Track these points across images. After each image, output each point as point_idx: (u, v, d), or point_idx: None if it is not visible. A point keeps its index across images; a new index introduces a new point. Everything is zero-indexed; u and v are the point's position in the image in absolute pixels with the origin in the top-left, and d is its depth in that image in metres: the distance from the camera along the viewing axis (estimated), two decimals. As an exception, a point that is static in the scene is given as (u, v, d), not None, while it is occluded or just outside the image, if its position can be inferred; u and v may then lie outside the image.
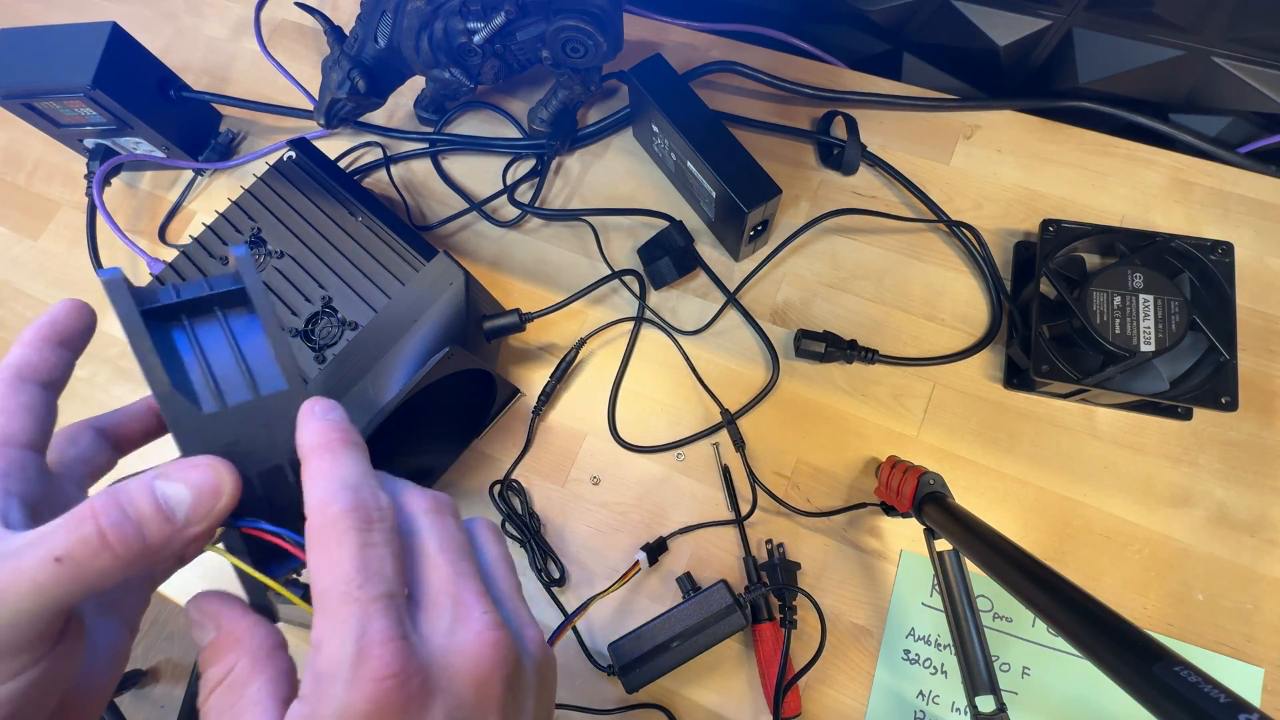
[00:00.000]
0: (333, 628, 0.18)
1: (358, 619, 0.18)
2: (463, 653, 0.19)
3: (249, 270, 0.21)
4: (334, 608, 0.18)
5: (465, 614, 0.20)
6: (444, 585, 0.20)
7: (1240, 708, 0.21)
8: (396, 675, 0.17)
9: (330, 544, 0.18)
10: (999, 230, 0.55)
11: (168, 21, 0.74)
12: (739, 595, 0.46)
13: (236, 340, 0.22)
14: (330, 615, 0.18)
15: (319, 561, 0.18)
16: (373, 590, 0.18)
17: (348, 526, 0.18)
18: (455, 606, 0.20)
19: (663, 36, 0.65)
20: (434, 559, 0.20)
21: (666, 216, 0.56)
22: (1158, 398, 0.45)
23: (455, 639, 0.19)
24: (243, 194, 0.52)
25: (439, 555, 0.20)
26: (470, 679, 0.19)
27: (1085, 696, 0.44)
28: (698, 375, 0.53)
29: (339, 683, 0.17)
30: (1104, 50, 0.54)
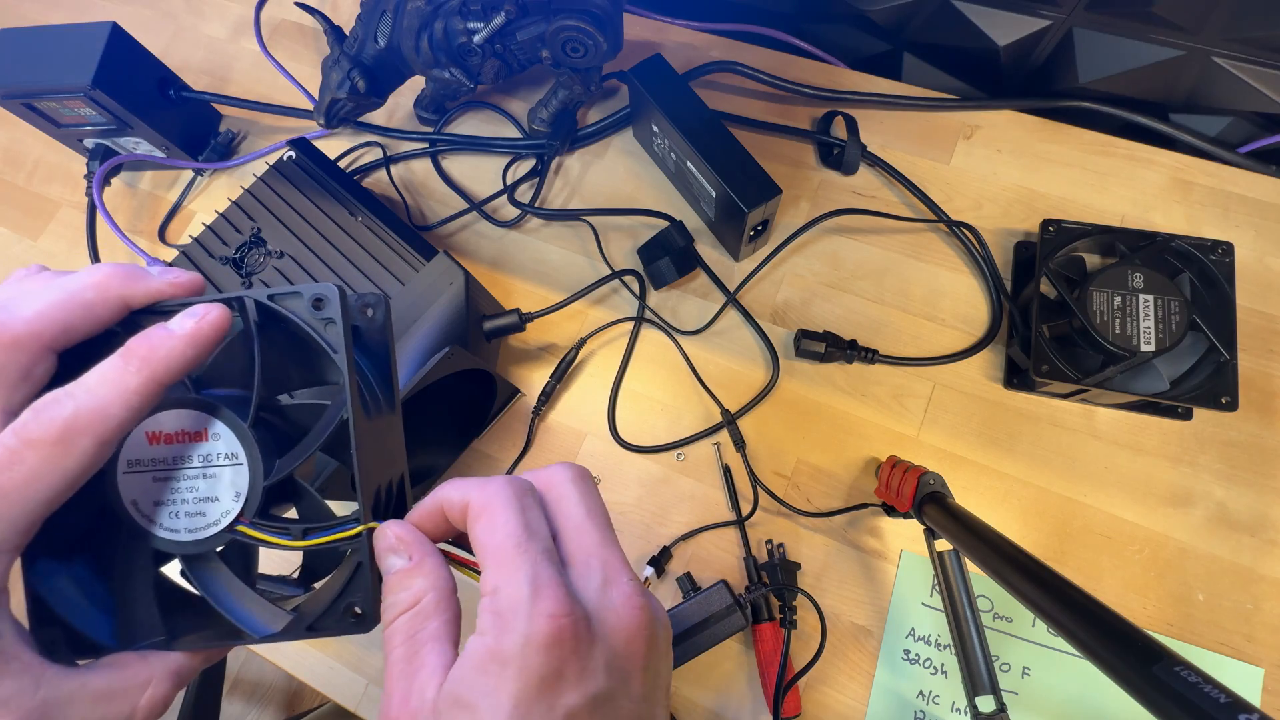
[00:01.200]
0: (507, 575, 0.20)
1: (530, 566, 0.20)
2: (615, 610, 0.21)
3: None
4: (507, 559, 0.20)
5: (615, 576, 0.22)
6: (594, 549, 0.22)
7: (1240, 708, 0.21)
8: (569, 614, 0.20)
9: (496, 511, 0.21)
10: (999, 230, 0.55)
11: (168, 21, 0.74)
12: (739, 595, 0.46)
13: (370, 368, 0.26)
14: (504, 565, 0.20)
15: (487, 526, 0.21)
16: (538, 545, 0.21)
17: (509, 495, 0.22)
18: (604, 569, 0.22)
19: (663, 36, 0.65)
20: (583, 524, 0.23)
21: (666, 216, 0.56)
22: (1158, 398, 0.45)
23: (607, 597, 0.21)
24: (243, 194, 0.52)
25: (587, 520, 0.23)
26: (622, 634, 0.21)
27: (1085, 696, 0.44)
28: (697, 375, 0.53)
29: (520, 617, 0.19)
30: (1104, 50, 0.54)
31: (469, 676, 0.20)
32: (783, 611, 0.46)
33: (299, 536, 0.23)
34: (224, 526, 0.23)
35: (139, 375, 0.21)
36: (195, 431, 0.23)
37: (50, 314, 0.21)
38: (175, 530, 0.23)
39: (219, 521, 0.23)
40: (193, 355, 0.22)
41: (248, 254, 0.51)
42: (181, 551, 0.23)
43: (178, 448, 0.23)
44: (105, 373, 0.21)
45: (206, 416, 0.23)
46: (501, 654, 0.19)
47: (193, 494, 0.23)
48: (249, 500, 0.23)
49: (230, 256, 0.51)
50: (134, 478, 0.23)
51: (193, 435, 0.23)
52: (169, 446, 0.23)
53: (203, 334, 0.22)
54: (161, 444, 0.23)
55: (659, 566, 0.48)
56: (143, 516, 0.23)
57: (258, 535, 0.23)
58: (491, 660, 0.19)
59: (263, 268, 0.50)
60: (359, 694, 0.49)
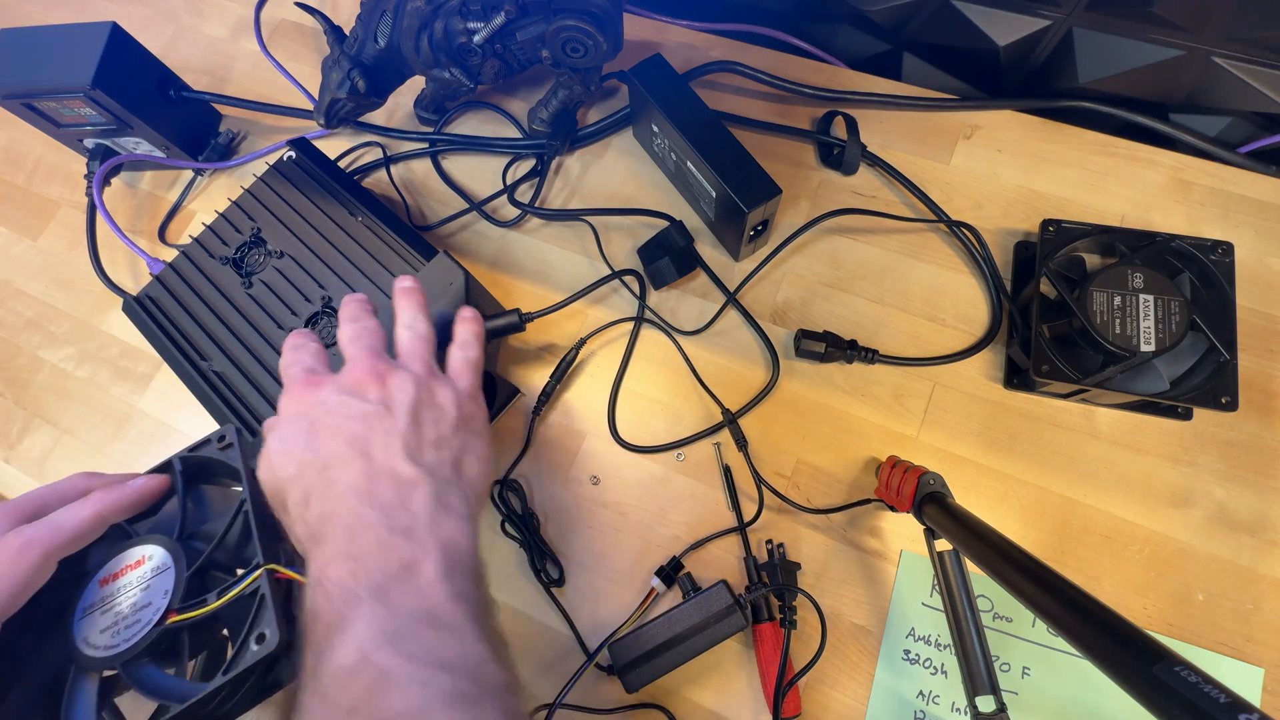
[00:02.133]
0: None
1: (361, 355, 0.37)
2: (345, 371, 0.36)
3: None
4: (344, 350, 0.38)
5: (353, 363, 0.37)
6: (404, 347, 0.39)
7: (1240, 708, 0.21)
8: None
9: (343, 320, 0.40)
10: (999, 230, 0.55)
11: (168, 21, 0.74)
12: (739, 595, 0.46)
13: None
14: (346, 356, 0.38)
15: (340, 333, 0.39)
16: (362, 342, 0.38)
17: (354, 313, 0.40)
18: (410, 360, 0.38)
19: (663, 36, 0.65)
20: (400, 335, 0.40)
21: (666, 216, 0.56)
22: (1158, 398, 0.45)
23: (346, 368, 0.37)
24: (243, 194, 0.52)
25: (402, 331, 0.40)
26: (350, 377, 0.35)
27: (1085, 696, 0.44)
28: (697, 375, 0.53)
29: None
30: (1104, 50, 0.54)
31: None
32: (783, 611, 0.46)
33: (215, 600, 0.28)
34: (155, 622, 0.28)
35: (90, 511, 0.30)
36: (135, 561, 0.30)
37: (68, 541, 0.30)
38: (115, 645, 0.27)
39: (151, 620, 0.28)
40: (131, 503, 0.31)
41: (248, 254, 0.51)
42: (123, 659, 0.27)
43: (121, 579, 0.29)
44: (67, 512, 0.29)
45: (146, 546, 0.30)
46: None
47: (132, 608, 0.28)
48: (174, 593, 0.28)
49: (230, 256, 0.51)
50: (87, 620, 0.29)
51: (134, 565, 0.29)
52: (114, 582, 0.29)
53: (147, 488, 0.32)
54: (110, 582, 0.29)
55: (669, 578, 0.48)
56: (89, 646, 0.28)
57: (182, 616, 0.28)
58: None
59: (263, 268, 0.50)
60: (359, 694, 0.49)
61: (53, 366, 0.61)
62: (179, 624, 0.28)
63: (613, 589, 0.49)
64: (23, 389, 0.61)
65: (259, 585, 0.28)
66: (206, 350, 0.49)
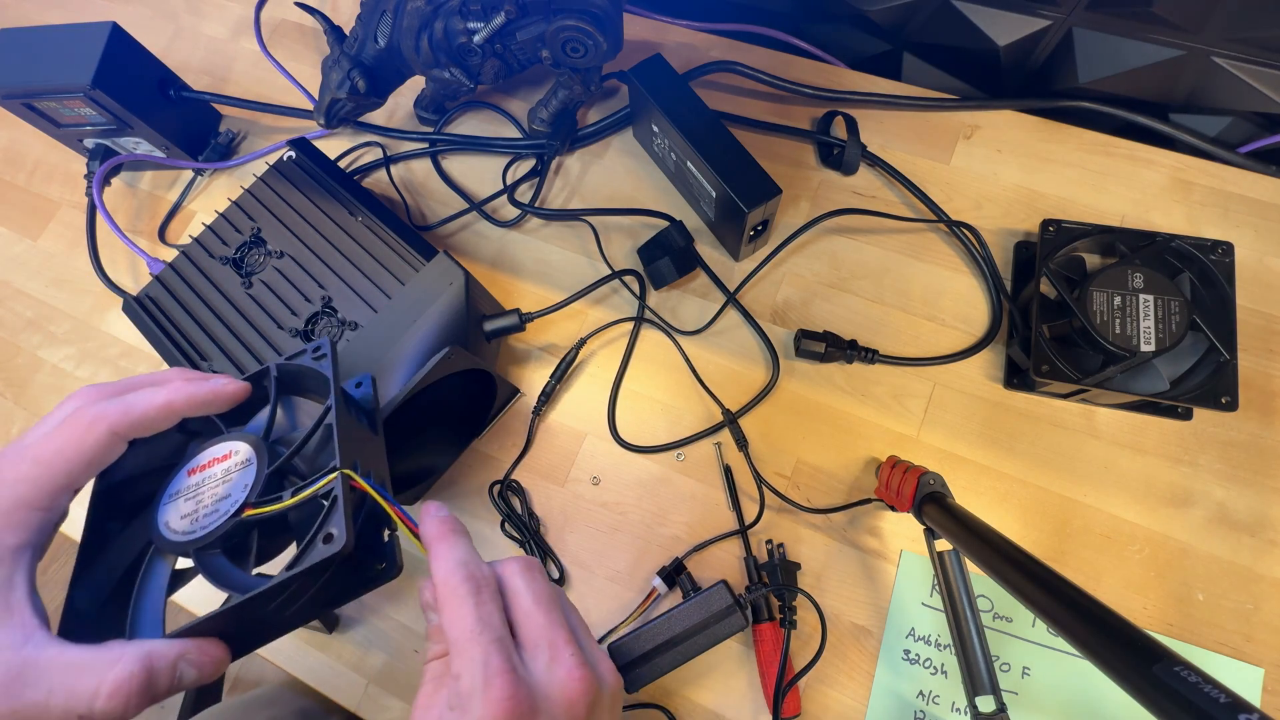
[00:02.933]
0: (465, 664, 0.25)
1: (482, 655, 0.25)
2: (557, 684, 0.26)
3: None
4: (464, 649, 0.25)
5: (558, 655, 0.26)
6: (540, 632, 0.27)
7: (1240, 708, 0.21)
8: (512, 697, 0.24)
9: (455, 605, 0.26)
10: (999, 230, 0.55)
11: (168, 21, 0.74)
12: (739, 595, 0.46)
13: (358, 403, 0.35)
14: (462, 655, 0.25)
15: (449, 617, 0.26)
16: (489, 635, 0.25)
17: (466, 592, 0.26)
18: (550, 649, 0.26)
19: (663, 36, 0.65)
20: (531, 610, 0.27)
21: (666, 216, 0.56)
22: (1158, 398, 0.45)
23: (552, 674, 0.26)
24: (243, 194, 0.52)
25: (534, 608, 0.27)
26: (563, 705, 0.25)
27: (1085, 696, 0.44)
28: (697, 376, 0.53)
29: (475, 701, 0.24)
30: (1104, 50, 0.54)
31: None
32: (783, 611, 0.46)
33: (289, 498, 0.28)
34: (232, 513, 0.28)
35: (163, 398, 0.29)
36: (223, 455, 0.30)
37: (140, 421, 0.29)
38: (192, 532, 0.28)
39: (228, 512, 0.28)
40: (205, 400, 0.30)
41: (248, 254, 0.51)
42: (196, 545, 0.28)
43: (207, 471, 0.30)
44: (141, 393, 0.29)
45: (232, 442, 0.30)
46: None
47: (212, 498, 0.29)
48: (253, 488, 0.28)
49: (230, 256, 0.51)
50: (170, 505, 0.29)
51: (221, 459, 0.30)
52: (201, 473, 0.30)
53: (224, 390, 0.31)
54: (197, 473, 0.30)
55: (670, 579, 0.48)
56: (169, 530, 0.28)
57: (257, 510, 0.28)
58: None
59: (263, 268, 0.50)
60: (359, 694, 0.49)
61: (53, 366, 0.61)
62: (253, 519, 0.28)
63: (613, 589, 0.49)
64: (22, 389, 0.61)
65: (333, 487, 0.28)
66: (206, 350, 0.49)
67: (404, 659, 0.49)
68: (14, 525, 0.25)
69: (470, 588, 0.26)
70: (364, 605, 0.51)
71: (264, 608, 0.27)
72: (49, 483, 0.26)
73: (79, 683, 0.24)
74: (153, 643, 0.25)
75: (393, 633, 0.50)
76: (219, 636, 0.27)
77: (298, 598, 0.28)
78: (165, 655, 0.25)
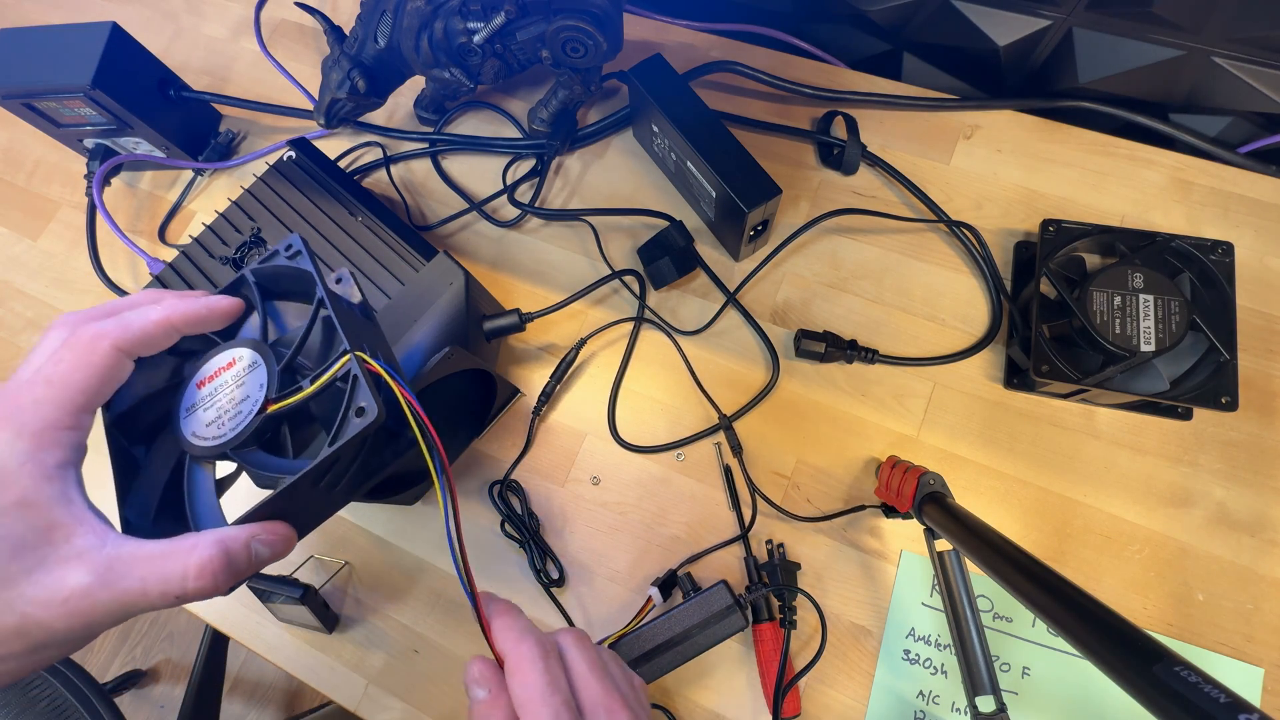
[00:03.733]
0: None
1: (552, 715, 0.27)
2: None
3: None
4: (535, 709, 0.27)
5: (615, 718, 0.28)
6: (599, 697, 0.29)
7: (1240, 708, 0.21)
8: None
9: (525, 668, 0.28)
10: (999, 230, 0.55)
11: (168, 21, 0.74)
12: (739, 595, 0.46)
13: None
14: (533, 714, 0.27)
15: (520, 680, 0.28)
16: (558, 697, 0.27)
17: (535, 656, 0.28)
18: (608, 714, 0.28)
19: (663, 36, 0.65)
20: (587, 678, 0.29)
21: (666, 216, 0.56)
22: (1158, 398, 0.45)
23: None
24: (243, 194, 0.52)
25: (590, 675, 0.29)
26: None
27: (1085, 696, 0.44)
28: (696, 378, 0.53)
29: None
30: (1104, 50, 0.54)
31: None
32: (783, 611, 0.46)
33: (309, 385, 0.29)
34: (256, 411, 0.29)
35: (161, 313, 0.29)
36: (227, 364, 0.30)
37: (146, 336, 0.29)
38: (223, 435, 0.29)
39: (252, 411, 0.29)
40: (205, 316, 0.31)
41: (248, 254, 0.51)
42: (232, 445, 0.29)
43: (216, 380, 0.30)
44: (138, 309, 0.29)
45: (234, 350, 0.31)
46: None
47: (231, 403, 0.29)
48: (269, 385, 0.29)
49: (230, 256, 0.51)
50: (192, 418, 0.30)
51: (226, 367, 0.30)
52: (211, 383, 0.30)
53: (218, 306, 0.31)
54: (207, 384, 0.30)
55: (666, 589, 0.48)
56: (198, 438, 0.29)
57: (281, 404, 0.29)
58: None
59: (263, 268, 0.50)
60: (359, 694, 0.49)
61: (53, 366, 0.61)
62: (279, 412, 0.29)
63: (613, 589, 0.49)
64: (23, 389, 0.61)
65: (350, 368, 0.28)
66: (206, 350, 0.49)
67: (404, 659, 0.49)
68: (51, 444, 0.26)
69: (539, 652, 0.28)
70: (364, 605, 0.51)
71: (314, 486, 0.28)
72: (69, 401, 0.26)
73: (166, 568, 0.25)
74: (223, 529, 0.27)
75: (393, 633, 0.50)
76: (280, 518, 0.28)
77: (343, 474, 0.29)
78: (238, 538, 0.26)
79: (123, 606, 0.25)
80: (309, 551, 0.52)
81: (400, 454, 0.32)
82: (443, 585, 0.51)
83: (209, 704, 0.99)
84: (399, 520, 0.53)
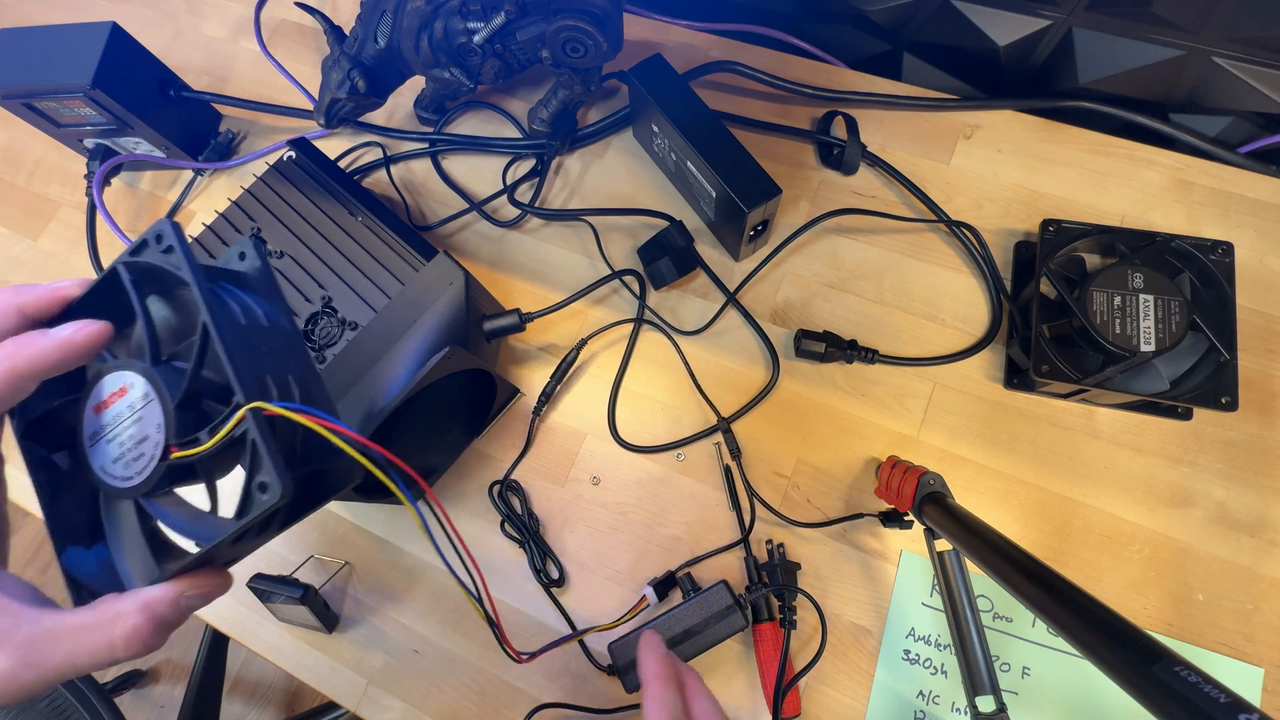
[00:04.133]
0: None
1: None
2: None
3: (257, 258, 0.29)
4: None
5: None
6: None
7: (1240, 708, 0.21)
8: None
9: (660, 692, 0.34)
10: (999, 230, 0.55)
11: (168, 21, 0.74)
12: (739, 596, 0.46)
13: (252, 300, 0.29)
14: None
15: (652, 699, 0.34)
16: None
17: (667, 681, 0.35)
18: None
19: (663, 36, 0.65)
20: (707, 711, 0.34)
21: (666, 216, 0.56)
22: (1158, 398, 0.45)
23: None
24: (243, 194, 0.52)
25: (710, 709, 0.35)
26: None
27: (1085, 696, 0.44)
28: (695, 380, 0.53)
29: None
30: (1104, 50, 0.54)
31: None
32: (783, 612, 0.46)
33: (207, 439, 0.25)
34: (159, 457, 0.25)
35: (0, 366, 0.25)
36: (120, 389, 0.26)
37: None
38: (130, 477, 0.26)
39: (154, 455, 0.25)
40: (60, 359, 0.25)
41: (248, 254, 0.51)
42: (137, 494, 0.26)
43: (112, 408, 0.26)
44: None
45: (125, 374, 0.26)
46: None
47: (131, 440, 0.26)
48: (167, 424, 0.25)
49: (230, 256, 0.51)
50: (95, 448, 0.26)
51: (119, 393, 0.26)
52: (107, 409, 0.27)
53: (74, 342, 0.25)
54: (103, 410, 0.27)
55: (663, 590, 0.48)
56: (108, 475, 0.26)
57: (182, 454, 0.25)
58: None
59: (263, 268, 0.50)
60: (359, 694, 0.49)
61: (53, 366, 0.61)
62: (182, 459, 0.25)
63: (613, 589, 0.49)
64: (23, 389, 0.61)
65: (245, 429, 0.24)
66: (206, 350, 0.49)
67: (404, 659, 0.49)
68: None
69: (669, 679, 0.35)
70: (364, 605, 0.51)
71: (234, 545, 0.26)
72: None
73: (92, 641, 0.24)
74: (147, 592, 0.25)
75: (393, 633, 0.50)
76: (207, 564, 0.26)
77: (269, 523, 0.27)
78: (164, 599, 0.25)
79: (51, 683, 0.24)
80: (309, 551, 0.52)
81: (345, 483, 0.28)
82: (443, 585, 0.51)
83: (209, 704, 0.99)
84: (399, 520, 0.53)
